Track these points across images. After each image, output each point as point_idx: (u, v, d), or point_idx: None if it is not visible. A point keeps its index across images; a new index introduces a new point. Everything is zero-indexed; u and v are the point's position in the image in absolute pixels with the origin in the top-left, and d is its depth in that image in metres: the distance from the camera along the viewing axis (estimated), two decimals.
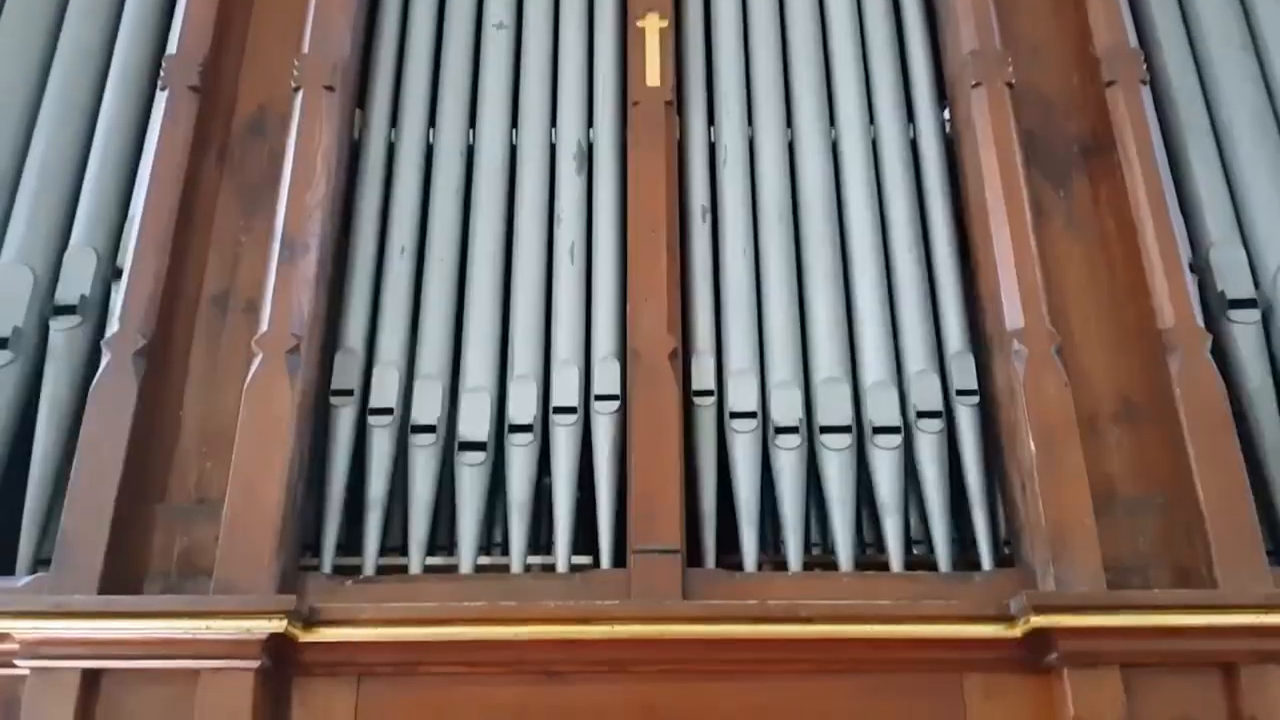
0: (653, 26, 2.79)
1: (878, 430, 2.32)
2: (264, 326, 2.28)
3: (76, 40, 2.76)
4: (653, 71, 2.73)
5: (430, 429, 2.32)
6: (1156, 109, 2.65)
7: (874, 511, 2.32)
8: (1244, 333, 2.39)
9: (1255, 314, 2.40)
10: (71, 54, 2.74)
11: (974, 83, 2.58)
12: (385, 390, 2.37)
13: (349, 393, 2.37)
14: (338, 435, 2.32)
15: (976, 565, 2.24)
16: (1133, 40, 2.68)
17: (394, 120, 2.77)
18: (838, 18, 2.87)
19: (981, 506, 2.28)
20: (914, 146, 2.72)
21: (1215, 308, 2.42)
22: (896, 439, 2.30)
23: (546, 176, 2.69)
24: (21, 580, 2.15)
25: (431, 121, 2.77)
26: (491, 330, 2.47)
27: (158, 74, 2.66)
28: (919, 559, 2.31)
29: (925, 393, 2.36)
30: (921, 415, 2.34)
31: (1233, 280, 2.44)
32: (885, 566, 2.24)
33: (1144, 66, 2.62)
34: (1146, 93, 2.61)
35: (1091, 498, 2.12)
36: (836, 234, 2.60)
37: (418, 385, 2.38)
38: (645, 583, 2.10)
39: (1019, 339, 2.27)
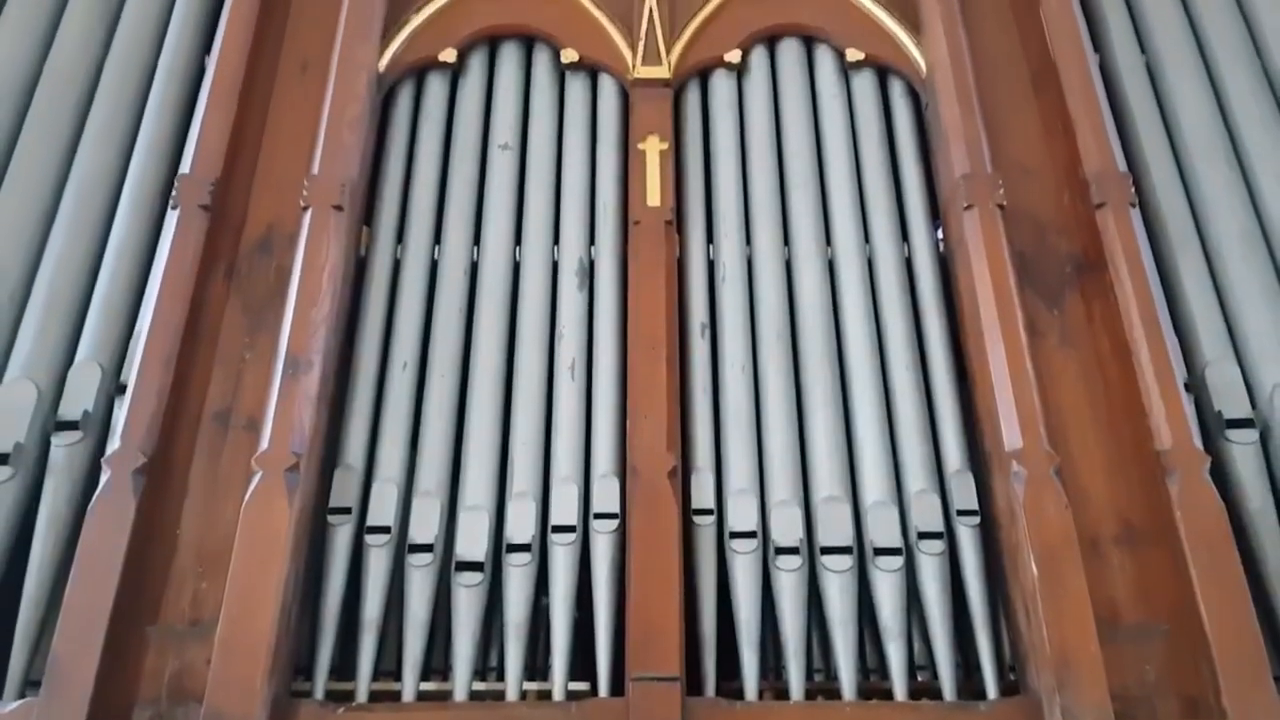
0: (653, 148, 2.87)
1: (879, 552, 2.30)
2: (264, 444, 2.29)
3: (92, 161, 2.83)
4: (653, 192, 2.79)
5: (428, 548, 2.31)
6: (1146, 228, 2.70)
7: (876, 634, 2.28)
8: (1243, 453, 2.39)
9: (1253, 434, 2.40)
10: (87, 174, 2.80)
11: (966, 205, 2.64)
12: (383, 508, 2.36)
13: (347, 510, 2.36)
14: (334, 554, 2.30)
15: (982, 693, 2.20)
16: (1121, 163, 2.74)
17: (400, 237, 2.83)
18: (832, 140, 2.95)
19: (985, 631, 2.25)
20: (909, 265, 2.76)
21: (1213, 427, 2.42)
22: (898, 561, 2.29)
23: (548, 293, 2.73)
24: (9, 706, 2.11)
25: (437, 238, 2.82)
26: (491, 446, 2.47)
27: (169, 193, 2.71)
28: (923, 686, 2.27)
29: (926, 513, 2.35)
30: (923, 536, 2.32)
31: (1229, 400, 2.45)
32: (889, 694, 2.20)
33: (1133, 189, 2.68)
34: (1136, 214, 2.66)
35: (1096, 623, 2.09)
36: (835, 351, 2.62)
37: (416, 503, 2.38)
38: (644, 712, 2.05)
39: (1018, 460, 2.27)
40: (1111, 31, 3.08)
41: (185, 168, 2.71)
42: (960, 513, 2.36)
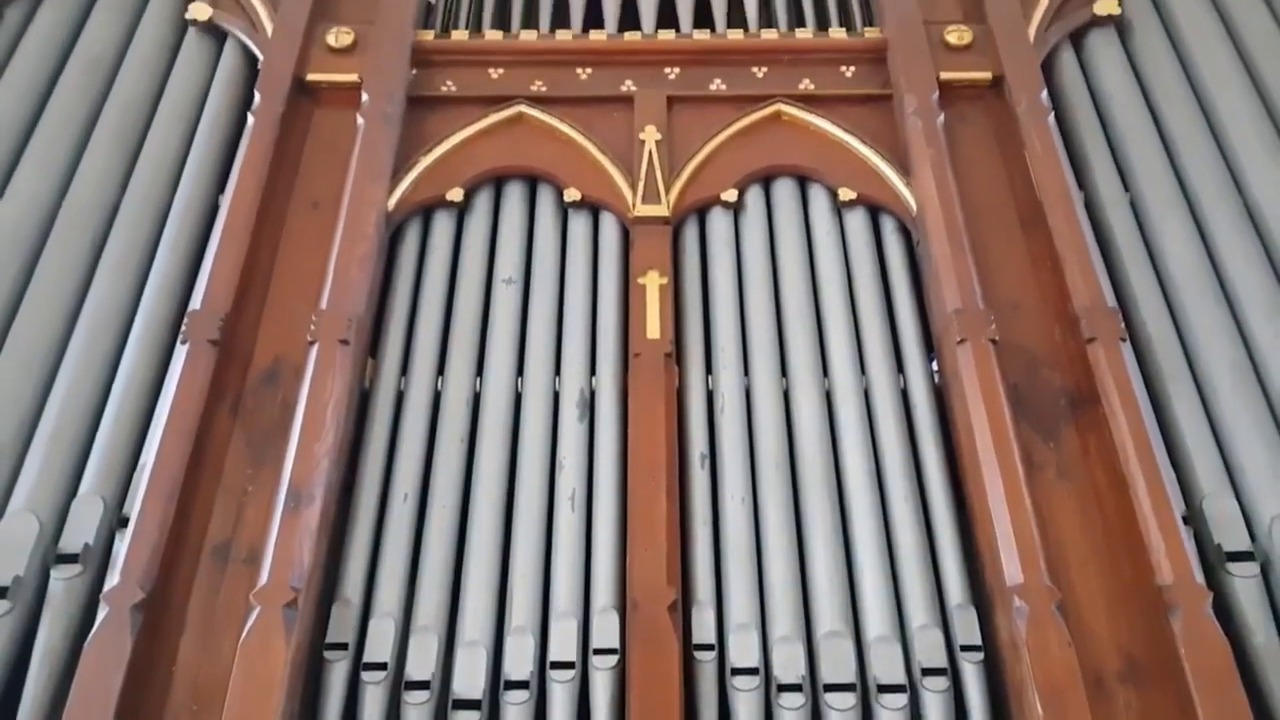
0: (653, 283, 2.94)
1: (883, 689, 2.27)
2: (263, 579, 2.28)
3: (105, 295, 2.89)
4: (653, 325, 2.86)
5: (424, 685, 2.28)
6: (1138, 361, 2.75)
7: None
8: (1244, 586, 2.38)
9: (1254, 567, 2.40)
10: (99, 308, 2.87)
11: (959, 339, 2.69)
12: (380, 644, 2.33)
13: (344, 646, 2.33)
14: (330, 692, 2.27)
15: None
16: (1110, 299, 2.81)
17: (404, 368, 2.87)
18: (827, 274, 3.03)
19: None
20: (905, 397, 2.80)
21: (1213, 559, 2.42)
22: (902, 699, 2.25)
23: (549, 424, 2.76)
24: None
25: (440, 370, 2.87)
26: (490, 579, 2.46)
27: (179, 327, 2.78)
28: None
29: (929, 649, 2.33)
30: (927, 673, 2.29)
31: (1228, 532, 2.45)
32: None
33: (1122, 324, 2.74)
34: (1127, 348, 2.71)
35: None
36: (834, 482, 2.64)
37: (414, 638, 2.36)
38: None
39: (1019, 595, 2.26)
40: (1095, 170, 3.19)
41: (196, 303, 2.77)
42: (964, 648, 2.34)
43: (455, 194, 3.16)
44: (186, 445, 2.51)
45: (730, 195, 3.17)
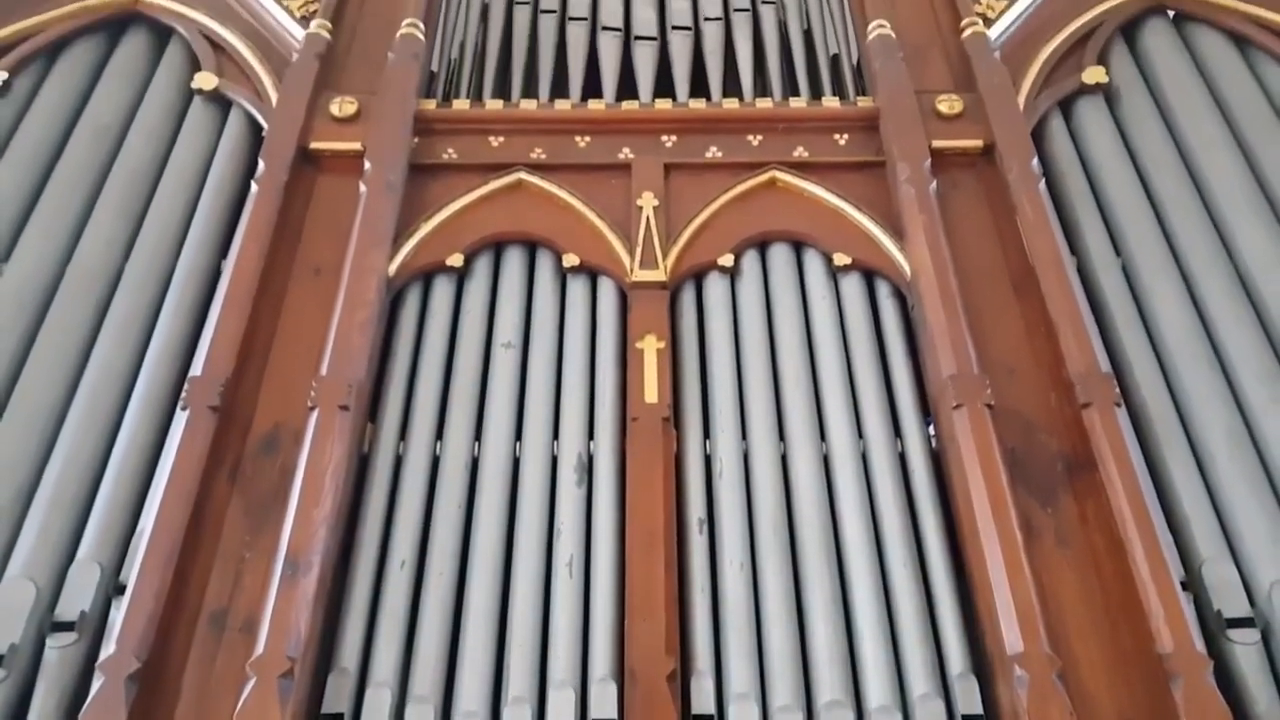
0: (650, 347, 2.97)
1: None
2: (260, 648, 2.27)
3: (107, 361, 2.91)
4: (650, 389, 2.88)
5: None
6: (1134, 426, 2.77)
7: None
8: (1245, 653, 2.37)
9: (1255, 634, 2.39)
10: (101, 373, 2.89)
11: (955, 404, 2.71)
12: (377, 714, 2.30)
13: (339, 717, 2.31)
14: None
15: None
16: (1104, 364, 2.83)
17: (403, 433, 2.88)
18: (823, 338, 3.05)
19: None
20: (903, 461, 2.80)
21: (1213, 626, 2.41)
22: None
23: (548, 489, 2.76)
24: None
25: (439, 434, 2.88)
26: (487, 649, 2.45)
27: (179, 392, 2.79)
28: None
29: (931, 719, 2.31)
30: None
31: (1228, 599, 2.45)
32: None
33: (1117, 389, 2.75)
34: (1122, 413, 2.72)
35: None
36: (833, 548, 2.63)
37: (410, 709, 2.33)
38: None
39: (1020, 664, 2.25)
40: (1087, 235, 3.23)
41: (197, 369, 2.79)
42: (966, 718, 2.32)
43: (455, 259, 3.19)
44: (185, 512, 2.50)
45: (727, 260, 3.21)
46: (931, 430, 2.87)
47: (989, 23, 3.71)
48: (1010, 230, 3.18)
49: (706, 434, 2.89)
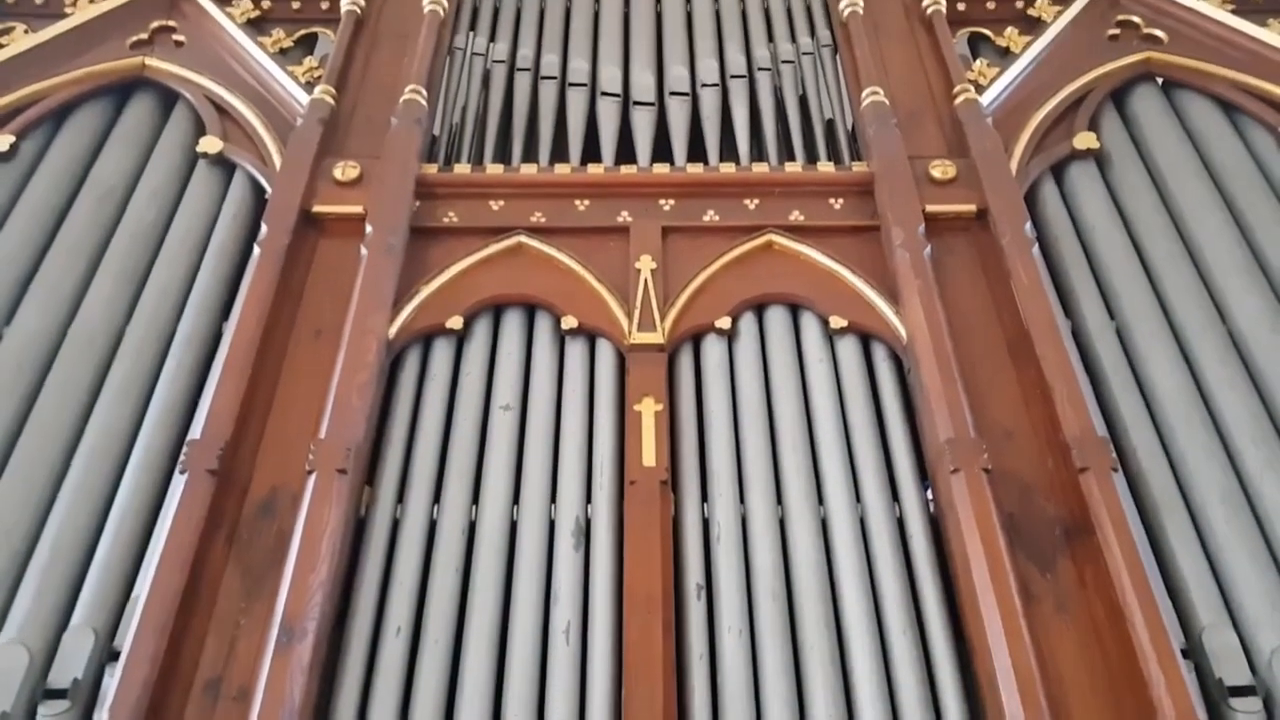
0: (648, 410, 2.98)
1: None
2: (254, 717, 2.25)
3: (106, 424, 2.92)
4: (648, 452, 2.88)
5: None
6: (1131, 491, 2.78)
7: None
8: None
9: (1256, 702, 2.37)
10: (99, 436, 2.90)
11: (953, 469, 2.71)
12: None
13: None
14: None
15: None
16: (1100, 428, 2.84)
17: (400, 497, 2.88)
18: (820, 402, 3.06)
19: None
20: (901, 526, 2.80)
21: (1215, 694, 2.40)
22: None
23: (545, 553, 2.75)
24: None
25: (436, 498, 2.87)
26: (484, 718, 2.42)
27: (178, 455, 2.80)
28: None
29: None
30: None
31: (1228, 666, 2.43)
32: None
33: (1113, 453, 2.76)
34: (1119, 478, 2.73)
35: None
36: (831, 614, 2.62)
37: None
38: None
39: None
40: (1081, 298, 3.26)
41: (196, 432, 2.79)
42: None
43: (455, 322, 3.21)
44: (181, 578, 2.50)
45: (724, 323, 3.23)
46: (929, 494, 2.87)
47: (981, 89, 3.77)
48: (1005, 294, 3.20)
49: (704, 497, 2.89)
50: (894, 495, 2.87)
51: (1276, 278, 3.22)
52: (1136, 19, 4.04)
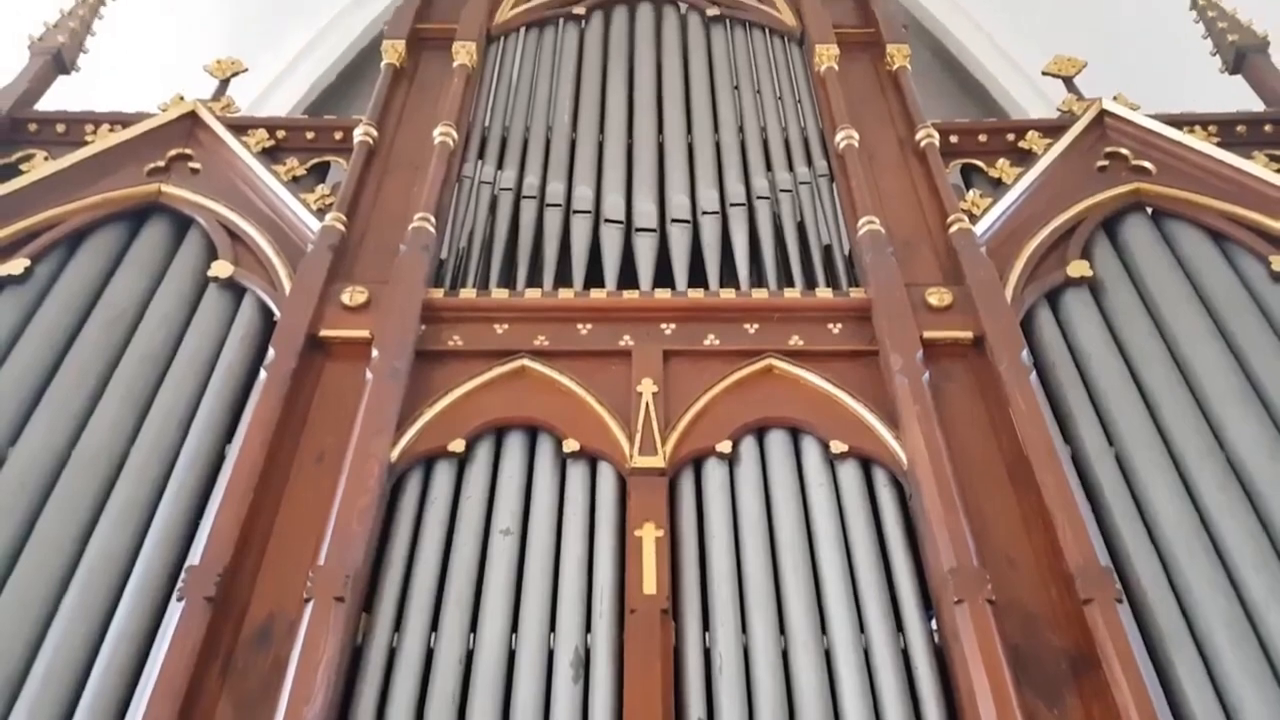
0: (649, 535, 2.97)
1: None
2: None
3: (105, 546, 2.91)
4: (649, 580, 2.86)
5: None
6: (1136, 620, 2.75)
7: None
8: None
9: None
10: (98, 559, 2.88)
11: (956, 599, 2.69)
12: None
13: None
14: None
15: None
16: (1104, 557, 2.83)
17: (398, 625, 2.84)
18: (822, 528, 3.05)
19: None
20: (905, 656, 2.76)
21: None
22: None
23: (543, 684, 2.70)
24: None
25: (434, 626, 2.84)
26: None
27: (176, 580, 2.78)
28: None
29: None
30: None
31: None
32: None
33: (1118, 584, 2.74)
34: (1125, 609, 2.70)
35: None
36: None
37: None
38: None
39: None
40: (1079, 425, 3.28)
41: (195, 558, 2.78)
42: None
43: (457, 445, 3.23)
44: (173, 709, 2.45)
45: (725, 447, 3.24)
46: (934, 624, 2.84)
47: (974, 218, 3.86)
48: (1004, 420, 3.22)
49: (706, 625, 2.85)
50: (898, 625, 2.83)
51: (1273, 405, 3.25)
52: (1125, 151, 4.17)
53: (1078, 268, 3.73)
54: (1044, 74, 4.89)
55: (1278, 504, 2.97)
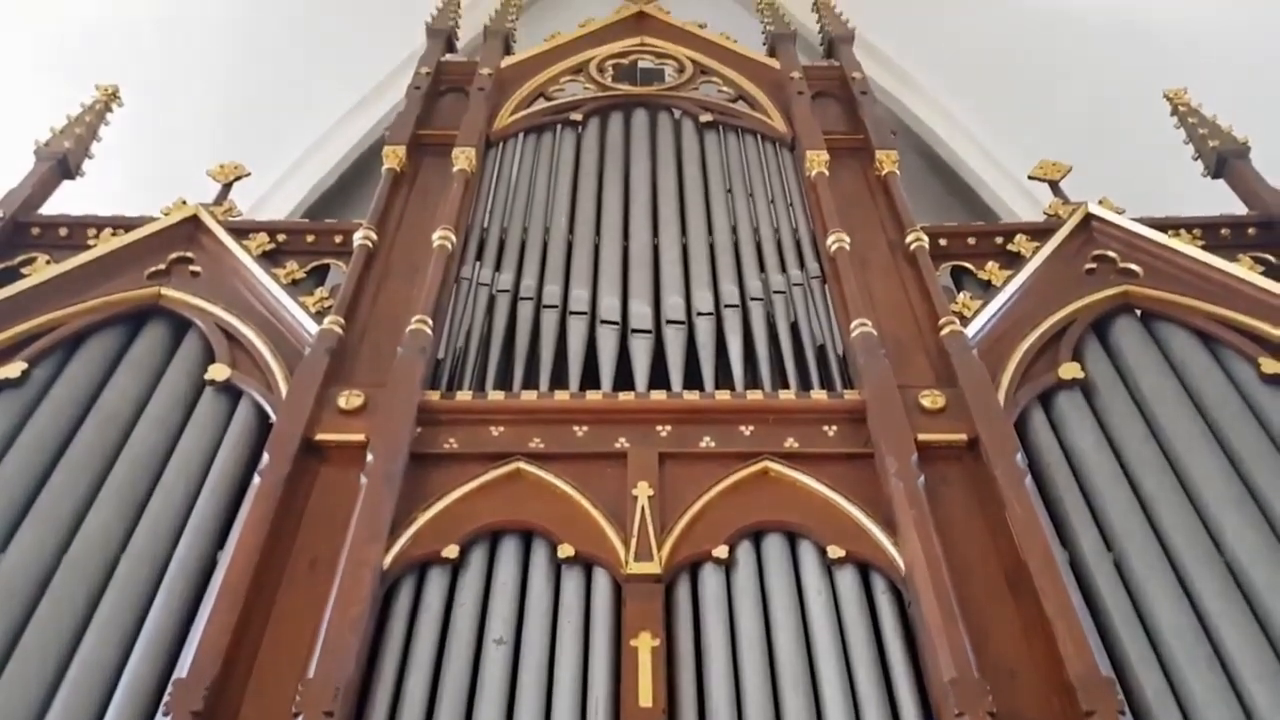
0: (645, 646, 2.92)
1: None
2: None
3: (93, 656, 2.87)
4: (645, 692, 2.81)
5: None
6: None
7: None
8: None
9: None
10: (85, 669, 2.84)
11: (957, 712, 2.64)
12: None
13: None
14: None
15: None
16: (1105, 666, 2.79)
17: None
18: (820, 636, 3.00)
19: None
20: None
21: None
22: None
23: None
24: None
25: None
26: None
27: (163, 691, 2.72)
28: None
29: None
30: None
31: None
32: None
33: (1120, 695, 2.70)
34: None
35: None
36: None
37: None
38: None
39: None
40: (1076, 529, 3.27)
41: (183, 670, 2.73)
42: None
43: (451, 551, 3.19)
44: None
45: (721, 552, 3.21)
46: None
47: (965, 320, 3.91)
48: (1000, 524, 3.21)
49: None
50: None
51: (1270, 511, 3.24)
52: (1112, 254, 4.25)
53: (1069, 369, 3.76)
54: (1030, 178, 5.01)
55: (1279, 612, 2.93)
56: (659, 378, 3.88)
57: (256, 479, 3.27)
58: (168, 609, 3.00)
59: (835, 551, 3.20)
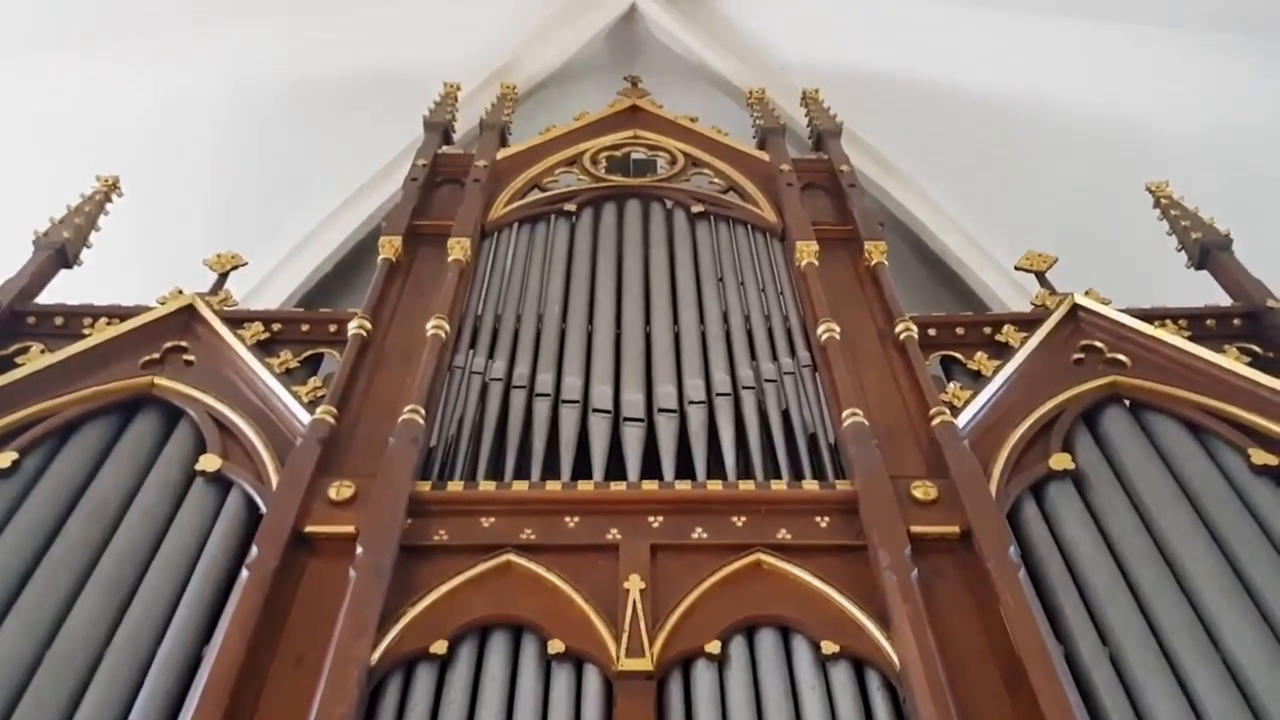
0: None
1: None
2: None
3: None
4: None
5: None
6: None
7: None
8: None
9: None
10: None
11: None
12: None
13: None
14: None
15: None
16: None
17: None
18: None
19: None
20: None
21: None
22: None
23: None
24: None
25: None
26: None
27: None
28: None
29: None
30: None
31: None
32: None
33: None
34: None
35: None
36: None
37: None
38: None
39: None
40: (1071, 623, 3.23)
41: None
42: None
43: (439, 646, 3.14)
44: None
45: (714, 647, 3.17)
46: None
47: (956, 411, 3.92)
48: (995, 619, 3.17)
49: None
50: None
51: (1265, 604, 3.22)
52: (1099, 344, 4.29)
53: (1060, 460, 3.77)
54: (1017, 269, 5.08)
55: (1278, 711, 2.90)
56: (651, 466, 3.87)
57: (244, 573, 3.23)
58: (150, 706, 2.93)
59: (829, 647, 3.15)
